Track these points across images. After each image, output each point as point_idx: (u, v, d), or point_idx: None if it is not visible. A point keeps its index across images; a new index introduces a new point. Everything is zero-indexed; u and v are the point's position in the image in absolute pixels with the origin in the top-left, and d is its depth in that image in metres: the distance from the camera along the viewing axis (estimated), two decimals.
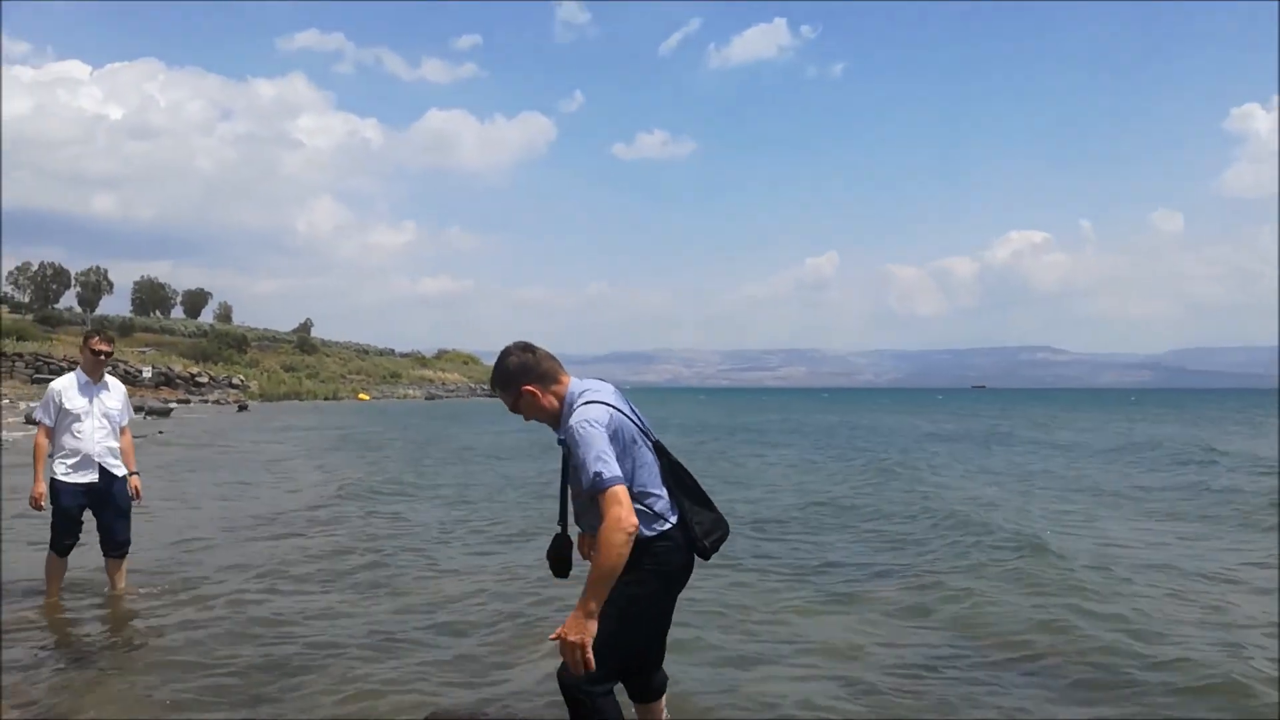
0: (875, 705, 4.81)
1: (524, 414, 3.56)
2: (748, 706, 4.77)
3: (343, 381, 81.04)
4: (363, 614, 6.59)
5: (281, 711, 4.62)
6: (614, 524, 3.12)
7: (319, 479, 15.79)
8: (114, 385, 6.91)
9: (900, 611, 6.72)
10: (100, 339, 6.79)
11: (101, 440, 6.67)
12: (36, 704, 4.67)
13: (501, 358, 3.55)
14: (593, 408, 3.39)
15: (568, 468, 3.50)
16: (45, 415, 6.64)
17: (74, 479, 6.58)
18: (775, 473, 17.79)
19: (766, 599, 7.09)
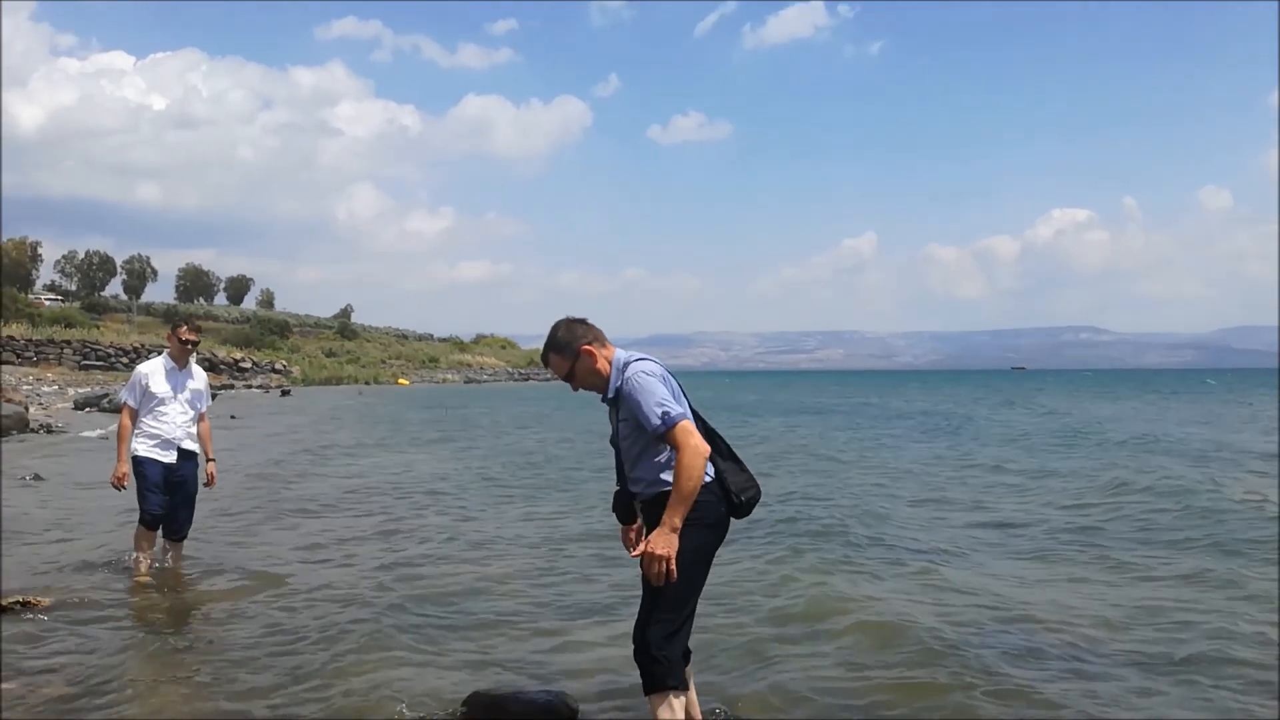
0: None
1: (576, 378, 3.75)
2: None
3: (383, 366, 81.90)
4: (406, 591, 6.70)
5: (320, 689, 4.71)
6: (693, 451, 3.45)
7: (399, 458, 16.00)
8: (198, 373, 7.10)
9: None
10: (188, 328, 7.00)
11: (183, 425, 6.89)
12: (91, 680, 4.81)
13: (556, 327, 3.78)
14: (645, 363, 3.68)
15: (618, 422, 3.73)
16: (130, 397, 6.83)
17: (156, 456, 6.79)
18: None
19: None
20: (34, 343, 50.30)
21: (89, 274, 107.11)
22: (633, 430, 3.65)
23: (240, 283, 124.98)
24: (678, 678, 3.59)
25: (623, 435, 3.73)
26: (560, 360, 3.76)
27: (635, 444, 3.68)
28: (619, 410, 3.72)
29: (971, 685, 4.70)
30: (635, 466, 3.72)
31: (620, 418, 3.71)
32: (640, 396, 3.54)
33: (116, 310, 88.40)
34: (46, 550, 7.99)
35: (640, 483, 3.72)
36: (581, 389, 3.79)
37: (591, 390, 3.77)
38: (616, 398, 3.69)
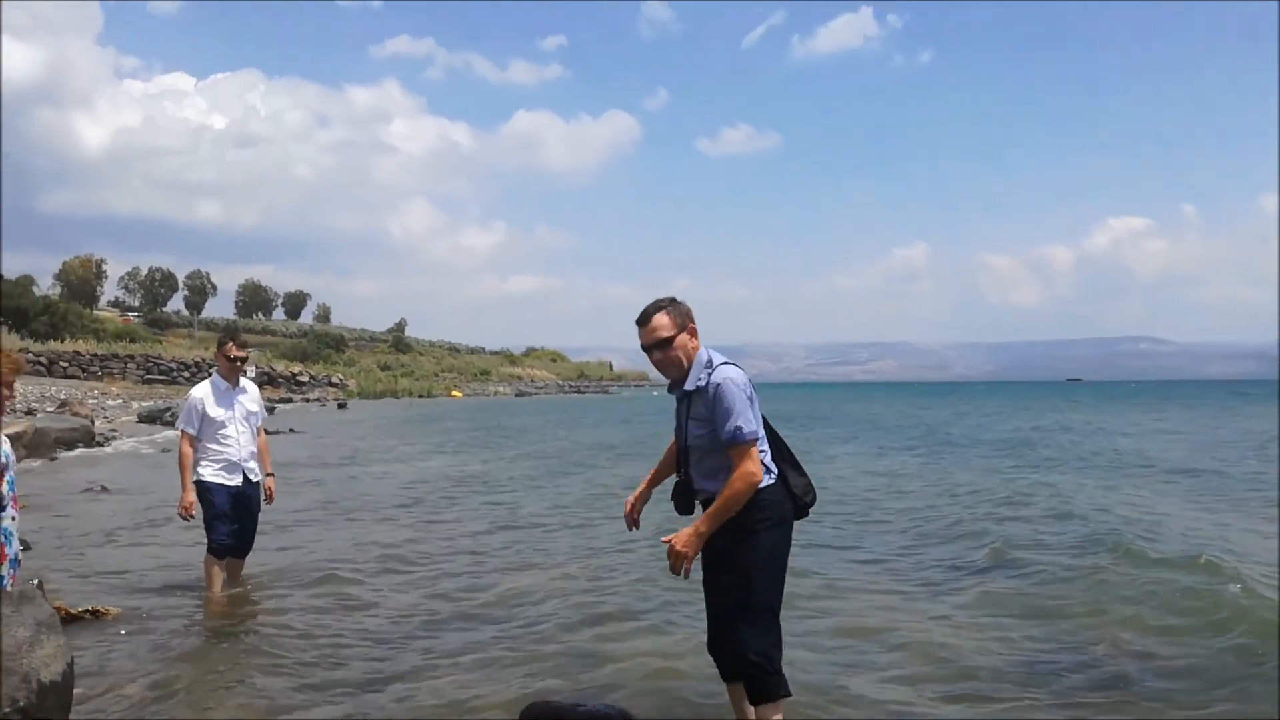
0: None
1: (668, 357, 3.75)
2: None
3: (436, 379, 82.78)
4: (462, 600, 6.79)
5: (378, 699, 4.77)
6: (745, 476, 3.56)
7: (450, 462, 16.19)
8: (250, 388, 6.97)
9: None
10: (235, 344, 6.83)
11: (245, 445, 6.74)
12: (158, 694, 4.93)
13: (672, 299, 3.80)
14: (734, 369, 3.72)
15: (686, 416, 3.77)
16: (189, 424, 6.64)
17: (223, 480, 6.64)
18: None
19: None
20: (99, 357, 51.64)
21: (151, 290, 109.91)
22: (705, 429, 3.71)
23: (297, 298, 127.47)
24: (786, 686, 3.70)
25: (692, 431, 3.77)
26: (669, 322, 3.75)
27: (704, 442, 3.73)
28: (692, 406, 3.76)
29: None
30: (700, 463, 3.78)
31: (692, 414, 3.75)
32: (726, 403, 3.61)
33: (178, 325, 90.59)
34: (113, 561, 8.20)
35: (702, 480, 3.79)
36: (658, 368, 3.81)
37: (667, 373, 3.80)
38: (694, 393, 3.73)
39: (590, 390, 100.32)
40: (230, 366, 6.77)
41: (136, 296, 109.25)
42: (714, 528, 3.58)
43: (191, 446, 6.63)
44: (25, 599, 3.66)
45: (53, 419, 21.94)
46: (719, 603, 3.78)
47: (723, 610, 3.77)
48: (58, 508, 11.15)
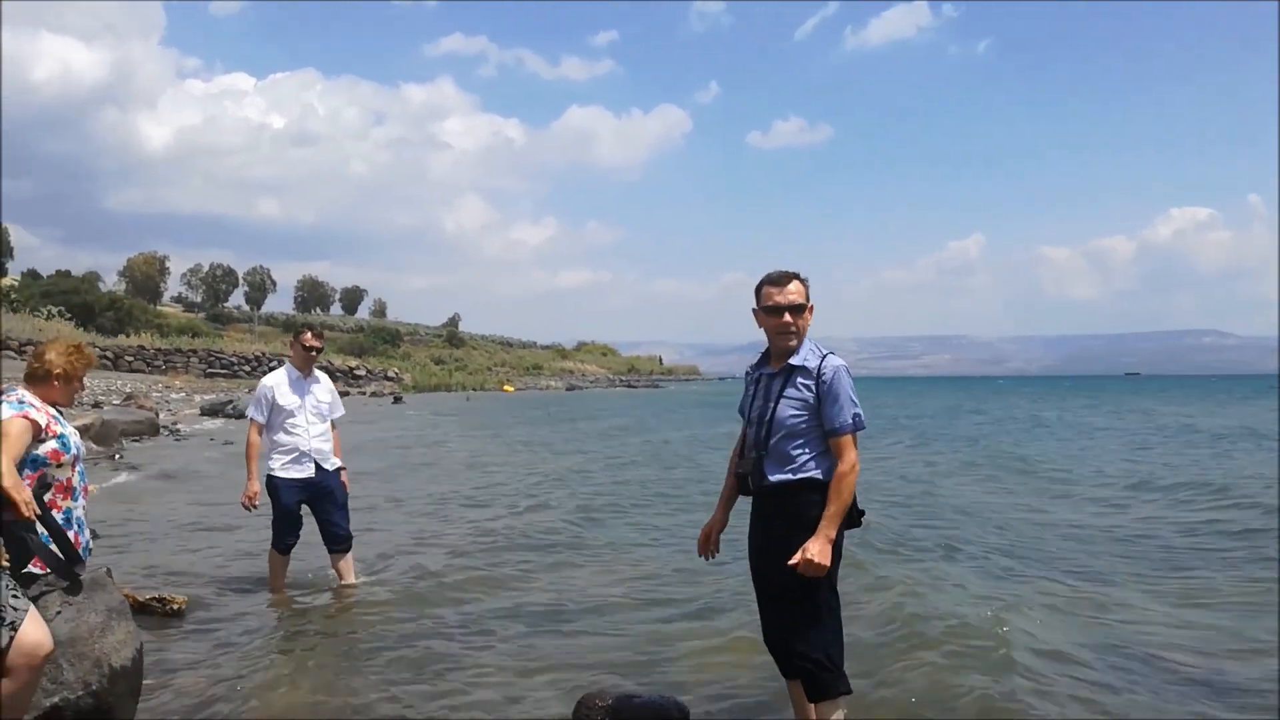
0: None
1: (798, 324, 3.75)
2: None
3: (488, 373, 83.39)
4: (518, 592, 6.84)
5: (433, 691, 4.82)
6: (854, 466, 3.64)
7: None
8: (323, 379, 6.87)
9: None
10: (312, 334, 6.79)
11: (316, 435, 6.60)
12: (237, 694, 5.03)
13: (798, 274, 3.80)
14: (842, 361, 3.74)
15: (779, 393, 3.72)
16: (258, 412, 6.58)
17: (291, 474, 6.51)
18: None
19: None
20: (162, 352, 52.88)
21: (213, 285, 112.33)
22: (803, 410, 3.68)
23: (354, 293, 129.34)
24: (846, 683, 3.68)
25: (784, 409, 3.71)
26: (805, 291, 3.78)
27: (799, 422, 3.68)
28: (788, 383, 3.72)
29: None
30: (786, 443, 3.70)
31: (787, 392, 3.71)
32: (844, 390, 3.65)
33: (239, 321, 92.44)
34: (179, 551, 8.39)
35: (773, 467, 3.72)
36: (775, 334, 3.77)
37: (782, 341, 3.76)
38: (795, 370, 3.72)
39: (640, 385, 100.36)
40: (305, 356, 6.69)
41: (198, 292, 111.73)
42: (836, 528, 3.60)
43: (259, 435, 6.57)
44: (97, 586, 3.76)
45: (119, 411, 22.51)
46: (777, 599, 3.76)
47: (781, 607, 3.74)
48: (124, 498, 11.44)
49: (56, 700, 3.37)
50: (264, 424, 6.57)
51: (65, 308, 54.78)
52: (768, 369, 3.85)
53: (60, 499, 4.11)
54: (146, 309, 68.97)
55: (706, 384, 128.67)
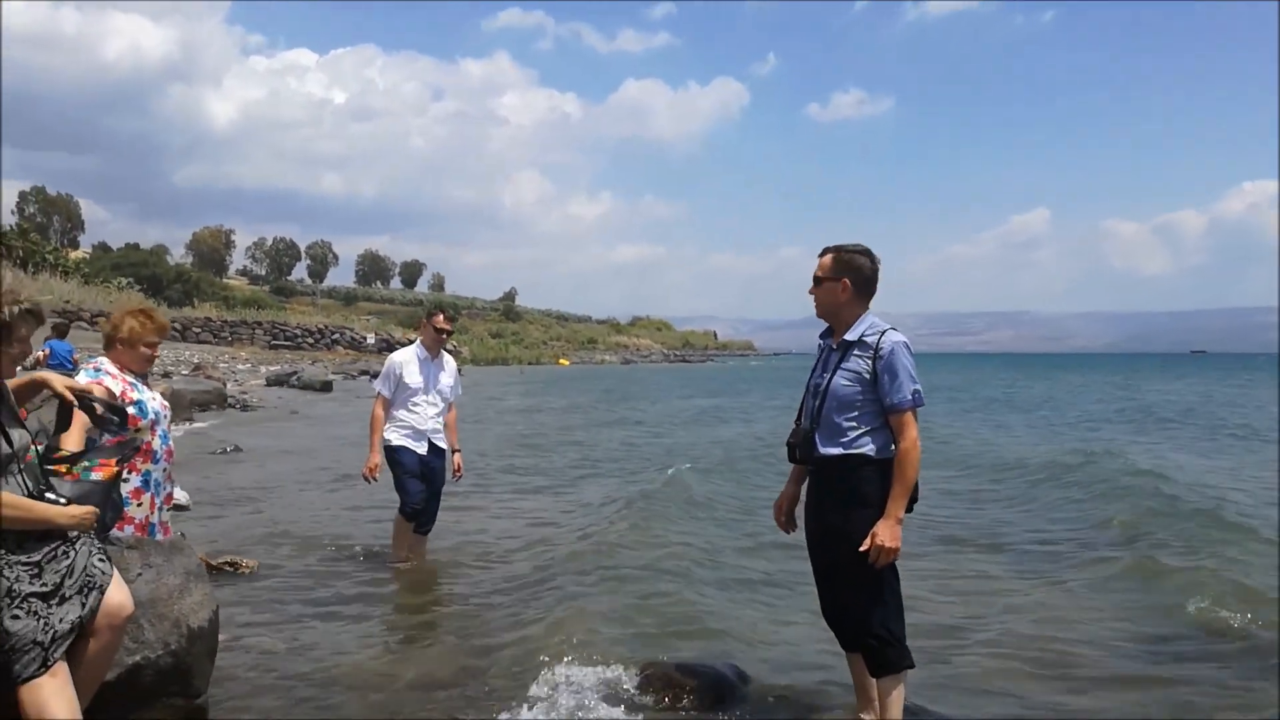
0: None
1: (816, 294, 3.81)
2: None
3: (544, 347, 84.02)
4: (584, 561, 6.89)
5: (504, 657, 4.88)
6: (915, 443, 3.59)
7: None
8: (449, 363, 6.86)
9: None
10: (444, 317, 6.77)
11: (434, 417, 6.63)
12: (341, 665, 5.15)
13: (843, 248, 3.79)
14: (904, 336, 3.68)
15: (836, 366, 3.72)
16: (385, 387, 6.60)
17: (409, 444, 6.56)
18: None
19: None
20: (229, 324, 54.06)
21: (276, 259, 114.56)
22: (861, 383, 3.65)
23: (413, 267, 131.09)
24: (909, 657, 3.67)
25: (839, 382, 3.69)
26: (830, 265, 3.78)
27: (850, 395, 3.66)
28: (845, 357, 3.71)
29: None
30: (836, 415, 3.68)
31: (844, 365, 3.70)
32: (904, 366, 3.61)
33: (301, 294, 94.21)
34: (247, 517, 8.59)
35: (830, 434, 3.70)
36: (815, 304, 3.81)
37: (818, 311, 3.81)
38: (852, 345, 3.70)
39: (695, 359, 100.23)
40: (435, 337, 6.68)
41: (262, 265, 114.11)
42: (904, 508, 3.58)
43: (384, 410, 6.58)
44: (175, 549, 3.85)
45: (188, 381, 23.10)
46: (836, 574, 3.75)
47: (841, 582, 3.74)
48: (194, 466, 11.73)
49: (138, 659, 3.46)
50: (389, 399, 6.57)
51: (134, 279, 56.26)
52: (830, 341, 3.84)
53: (139, 462, 4.23)
54: (213, 281, 70.59)
55: (761, 359, 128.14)
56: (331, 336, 56.73)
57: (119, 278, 55.69)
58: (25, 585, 3.01)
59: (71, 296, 42.71)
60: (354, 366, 43.43)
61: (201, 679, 3.71)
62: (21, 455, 3.22)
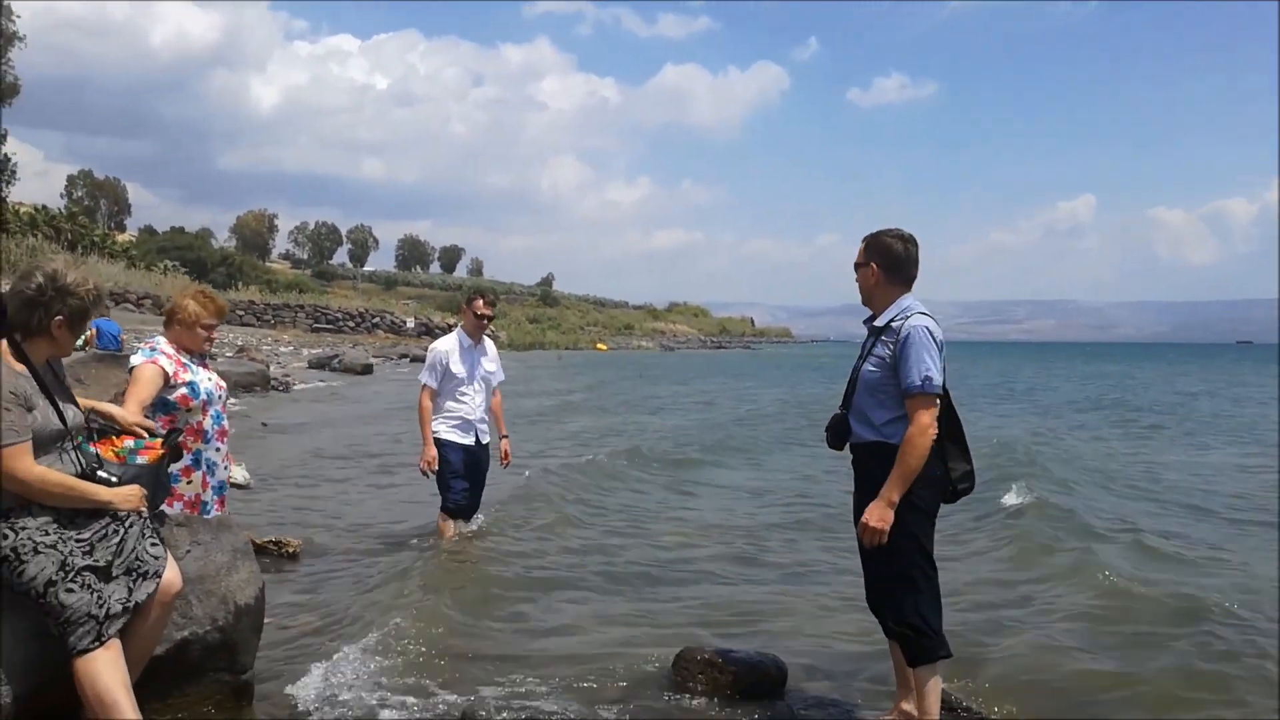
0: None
1: (858, 281, 3.85)
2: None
3: (581, 333, 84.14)
4: (620, 549, 6.95)
5: (542, 644, 4.92)
6: (921, 430, 3.51)
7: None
8: (490, 349, 6.78)
9: None
10: (484, 302, 6.66)
11: (480, 405, 6.58)
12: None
13: (874, 236, 3.80)
14: (931, 321, 3.65)
15: (868, 352, 3.75)
16: (431, 378, 6.51)
17: (457, 438, 6.51)
18: None
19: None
20: (271, 307, 54.71)
21: (318, 243, 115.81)
22: (884, 368, 3.66)
23: (452, 252, 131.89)
24: (946, 647, 3.65)
25: (866, 367, 3.74)
26: (860, 251, 3.83)
27: (876, 380, 3.68)
28: (874, 343, 3.73)
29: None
30: (863, 399, 3.73)
31: (875, 350, 3.72)
32: (918, 350, 3.57)
33: (343, 277, 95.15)
34: (292, 498, 8.72)
35: (860, 419, 3.74)
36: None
37: (863, 300, 3.84)
38: (881, 331, 3.71)
39: (733, 346, 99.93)
40: (477, 323, 6.59)
41: (305, 249, 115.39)
42: (902, 492, 3.53)
43: (431, 401, 6.50)
44: (223, 527, 3.92)
45: (232, 363, 23.41)
46: (872, 564, 3.75)
47: (876, 572, 3.74)
48: (240, 447, 11.90)
49: (186, 634, 3.53)
50: (436, 389, 6.50)
51: (180, 262, 57.15)
52: (870, 325, 3.87)
53: (191, 441, 4.31)
54: (256, 265, 71.49)
55: (800, 346, 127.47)
56: (372, 320, 57.24)
57: (165, 261, 56.59)
58: (79, 560, 3.08)
59: (118, 279, 43.43)
60: (394, 350, 43.79)
61: (248, 655, 3.78)
62: (75, 433, 3.30)
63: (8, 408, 3.01)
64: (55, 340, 3.25)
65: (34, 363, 3.19)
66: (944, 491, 3.70)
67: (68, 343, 3.29)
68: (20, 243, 42.39)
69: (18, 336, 3.18)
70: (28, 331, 3.19)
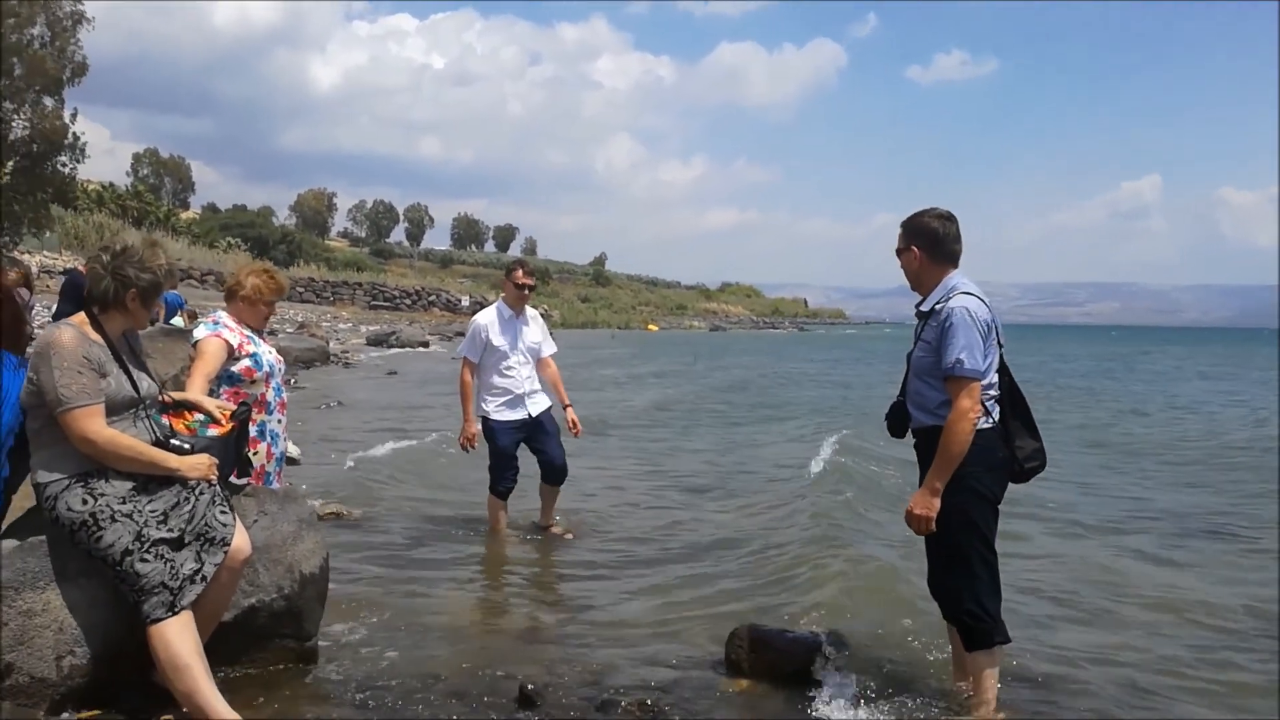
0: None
1: (904, 268, 3.81)
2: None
3: (633, 312, 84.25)
4: (671, 526, 6.98)
5: (593, 617, 4.96)
6: (962, 414, 3.45)
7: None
8: (533, 318, 6.54)
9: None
10: (524, 272, 6.43)
11: (528, 378, 6.34)
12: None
13: (912, 218, 3.76)
14: (974, 300, 3.58)
15: (916, 337, 3.75)
16: (471, 351, 6.33)
17: (506, 417, 6.27)
18: None
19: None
20: (330, 284, 55.65)
21: (376, 222, 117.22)
22: (930, 352, 3.63)
23: (507, 231, 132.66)
24: (1003, 633, 3.62)
25: (916, 352, 3.73)
26: (900, 235, 3.81)
27: (925, 364, 3.66)
28: (923, 327, 3.71)
29: None
30: (917, 384, 3.72)
31: (924, 335, 3.70)
32: (954, 332, 3.51)
33: (400, 256, 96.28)
34: (351, 470, 8.86)
35: (914, 402, 3.75)
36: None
37: (912, 285, 3.80)
38: (929, 315, 3.68)
39: (785, 327, 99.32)
40: (517, 293, 6.36)
41: (363, 228, 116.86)
42: (945, 479, 3.49)
43: (472, 375, 6.33)
44: (289, 498, 4.01)
45: (293, 339, 23.93)
46: (932, 549, 3.73)
47: (935, 556, 3.72)
48: (301, 420, 12.15)
49: (253, 601, 3.63)
50: (477, 364, 6.34)
51: (242, 240, 58.29)
52: (918, 309, 3.84)
53: (255, 413, 4.41)
54: (315, 243, 72.66)
55: (854, 328, 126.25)
56: (428, 298, 57.94)
57: (227, 238, 57.76)
58: (154, 531, 3.18)
59: (182, 255, 44.44)
60: (449, 328, 44.32)
61: (312, 622, 3.87)
62: (150, 402, 3.40)
63: (80, 371, 3.13)
64: (130, 313, 3.36)
65: (110, 335, 3.31)
66: (1010, 473, 3.65)
67: (141, 316, 3.40)
68: (88, 219, 43.66)
69: (95, 310, 3.31)
70: (104, 305, 3.31)
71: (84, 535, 3.15)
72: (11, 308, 3.64)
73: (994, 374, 3.61)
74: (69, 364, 3.13)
